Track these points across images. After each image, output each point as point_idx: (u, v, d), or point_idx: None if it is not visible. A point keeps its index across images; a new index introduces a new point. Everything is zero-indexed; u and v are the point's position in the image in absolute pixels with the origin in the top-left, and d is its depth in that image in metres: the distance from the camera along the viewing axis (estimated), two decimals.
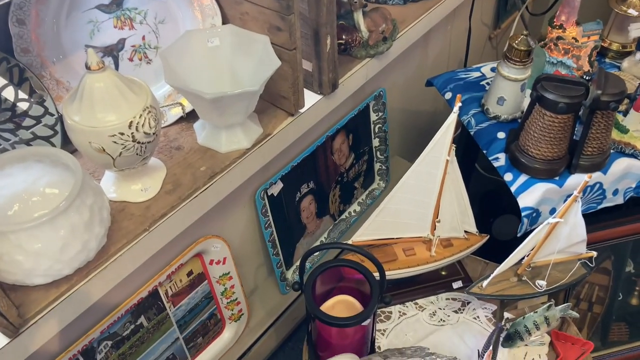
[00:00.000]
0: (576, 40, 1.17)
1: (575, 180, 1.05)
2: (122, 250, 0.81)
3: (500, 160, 1.09)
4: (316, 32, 0.95)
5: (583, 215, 0.94)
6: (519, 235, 1.06)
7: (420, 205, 1.00)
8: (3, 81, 0.82)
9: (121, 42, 0.94)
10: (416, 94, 1.55)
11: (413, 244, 1.07)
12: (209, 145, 0.95)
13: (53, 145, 0.87)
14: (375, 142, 1.42)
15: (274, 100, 1.02)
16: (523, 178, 1.05)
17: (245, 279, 1.20)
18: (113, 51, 0.94)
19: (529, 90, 1.16)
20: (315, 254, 1.34)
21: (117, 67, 0.94)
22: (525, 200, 1.03)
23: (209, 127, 0.95)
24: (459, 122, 1.15)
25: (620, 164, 1.07)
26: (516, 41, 1.05)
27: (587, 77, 1.13)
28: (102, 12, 0.89)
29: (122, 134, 0.75)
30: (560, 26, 1.17)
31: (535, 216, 1.04)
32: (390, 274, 1.03)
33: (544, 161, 1.02)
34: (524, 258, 0.97)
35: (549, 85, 0.97)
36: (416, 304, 1.10)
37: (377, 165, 1.47)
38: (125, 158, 0.78)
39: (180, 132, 0.98)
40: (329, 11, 0.93)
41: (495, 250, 1.15)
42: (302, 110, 1.02)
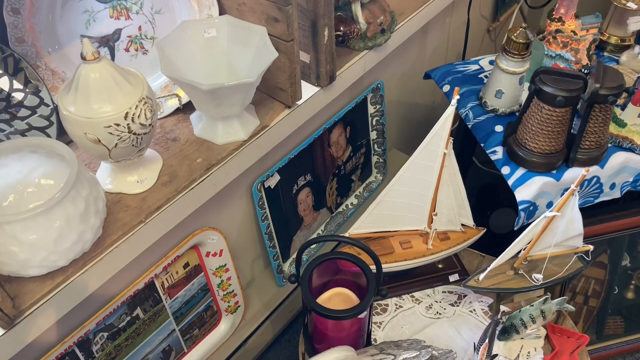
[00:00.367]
0: (575, 34, 1.17)
1: (573, 174, 1.04)
2: (118, 242, 0.80)
3: (498, 153, 1.09)
4: (314, 24, 0.95)
5: (580, 209, 0.94)
6: (516, 228, 1.06)
7: (417, 198, 1.00)
8: None
9: (117, 33, 0.93)
10: (414, 86, 1.55)
11: (410, 237, 1.07)
12: (206, 137, 0.94)
13: (48, 136, 0.87)
14: (373, 135, 1.42)
15: (271, 92, 1.01)
16: (520, 171, 1.05)
17: (241, 271, 1.20)
18: (109, 41, 0.93)
19: (527, 84, 1.16)
20: (312, 247, 1.34)
21: (113, 58, 0.94)
22: (522, 194, 1.03)
23: (206, 119, 0.94)
24: (457, 115, 1.14)
25: (618, 158, 1.07)
26: (515, 34, 1.05)
27: (586, 71, 1.13)
28: (98, 2, 0.88)
29: (118, 125, 0.74)
30: (559, 19, 1.17)
31: (532, 210, 1.04)
32: (387, 267, 1.03)
33: (542, 155, 1.02)
34: (520, 251, 0.97)
35: (547, 79, 0.96)
36: (413, 296, 1.10)
37: (375, 158, 1.47)
38: (121, 149, 0.77)
39: (177, 124, 0.97)
40: (327, 2, 0.92)
41: (491, 243, 1.15)
42: (300, 102, 1.01)
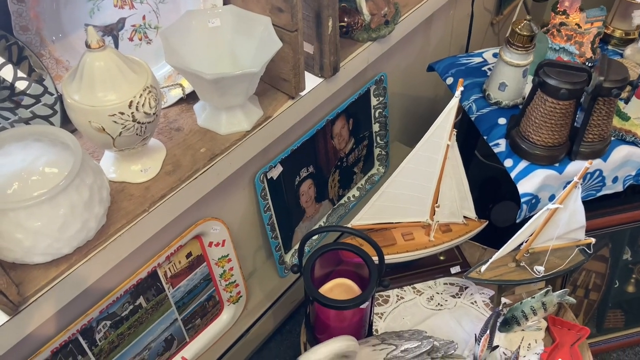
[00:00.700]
0: (579, 27, 1.16)
1: (575, 167, 1.05)
2: (122, 230, 0.81)
3: (501, 146, 1.09)
4: (318, 14, 0.95)
5: (582, 202, 0.95)
6: (518, 221, 1.06)
7: (420, 190, 1.00)
8: (1, 59, 0.82)
9: (121, 22, 0.93)
10: (417, 79, 1.55)
11: (412, 229, 1.07)
12: (209, 127, 0.94)
13: (52, 124, 0.87)
14: (376, 127, 1.42)
15: (275, 83, 1.01)
16: (523, 164, 1.05)
17: (243, 262, 1.20)
18: (113, 30, 0.93)
19: (530, 77, 1.16)
20: (314, 238, 1.34)
21: (117, 47, 0.93)
22: (524, 186, 1.03)
23: (209, 109, 0.94)
24: (460, 108, 1.14)
25: (621, 152, 1.07)
26: (519, 26, 1.05)
27: (590, 64, 1.13)
28: None
29: (122, 113, 0.74)
30: (564, 12, 1.17)
31: (534, 202, 1.04)
32: (389, 258, 1.03)
33: (545, 147, 1.02)
34: (522, 244, 0.98)
35: (551, 71, 0.96)
36: (414, 288, 1.10)
37: (377, 151, 1.47)
38: (125, 138, 0.78)
39: (180, 114, 0.98)
40: None
41: (493, 236, 1.15)
42: (303, 93, 1.01)
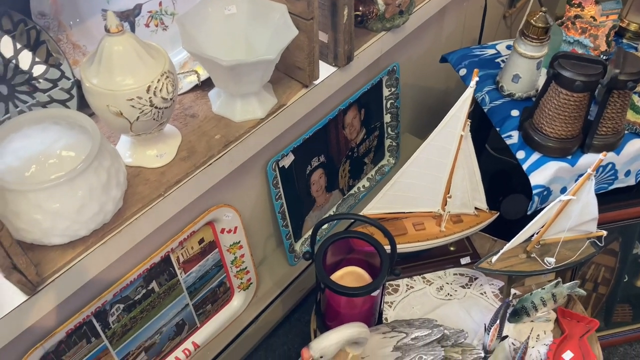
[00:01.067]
0: (594, 19, 1.16)
1: (588, 159, 1.05)
2: (138, 214, 0.82)
3: (513, 137, 1.09)
4: (334, 3, 0.95)
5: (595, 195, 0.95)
6: (529, 213, 1.07)
7: (432, 180, 1.00)
8: (20, 44, 0.82)
9: (138, 8, 0.93)
10: (429, 71, 1.54)
11: (423, 219, 1.07)
12: (224, 114, 0.95)
13: (68, 108, 0.87)
14: (387, 118, 1.42)
15: (289, 71, 1.01)
16: (535, 156, 1.05)
17: (254, 249, 1.21)
18: (129, 16, 0.94)
19: (544, 69, 1.15)
20: (323, 227, 1.35)
21: (133, 33, 0.94)
22: (536, 178, 1.03)
23: (224, 96, 0.95)
24: (473, 100, 1.14)
25: (634, 145, 1.07)
26: (534, 18, 1.04)
27: (604, 57, 1.13)
28: None
29: (140, 98, 0.75)
30: (579, 4, 1.16)
31: (546, 194, 1.05)
32: (400, 248, 1.04)
33: (558, 140, 1.02)
34: (533, 235, 0.98)
35: (567, 63, 0.96)
36: (424, 278, 1.11)
37: (388, 142, 1.47)
38: (142, 123, 0.78)
39: (195, 100, 0.98)
40: None
41: (503, 228, 1.15)
42: (317, 82, 1.02)
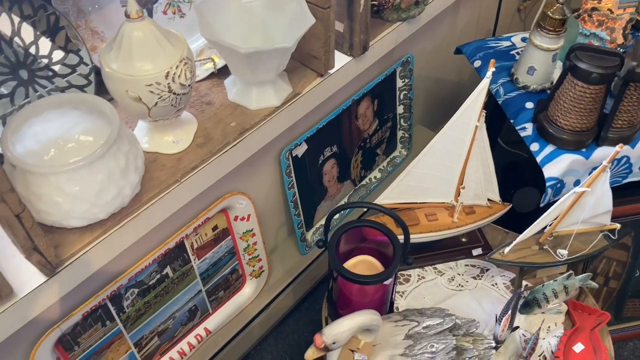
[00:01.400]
0: (611, 12, 1.15)
1: (602, 152, 1.04)
2: (154, 199, 0.83)
3: (528, 130, 1.09)
4: None
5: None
6: (542, 205, 1.07)
7: (445, 170, 1.00)
8: (39, 30, 0.83)
9: None
10: (442, 63, 1.54)
11: (435, 210, 1.08)
12: (240, 102, 0.96)
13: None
14: (400, 109, 1.42)
15: (305, 60, 1.02)
16: (550, 148, 1.05)
17: (266, 237, 1.22)
18: (147, 3, 0.94)
19: (559, 62, 1.15)
20: (335, 217, 1.35)
21: None
22: (550, 171, 1.03)
23: (240, 84, 0.95)
24: (487, 91, 1.14)
25: None
26: (551, 9, 1.04)
27: (621, 50, 1.12)
28: None
29: (159, 83, 0.76)
30: None
31: (559, 187, 1.04)
32: (412, 238, 1.04)
33: (572, 132, 1.02)
34: (546, 227, 0.98)
35: (583, 55, 0.96)
36: (435, 268, 1.11)
37: (400, 133, 1.47)
38: (160, 108, 0.79)
39: (211, 88, 0.99)
40: None
41: (515, 221, 1.15)
42: (332, 71, 1.02)
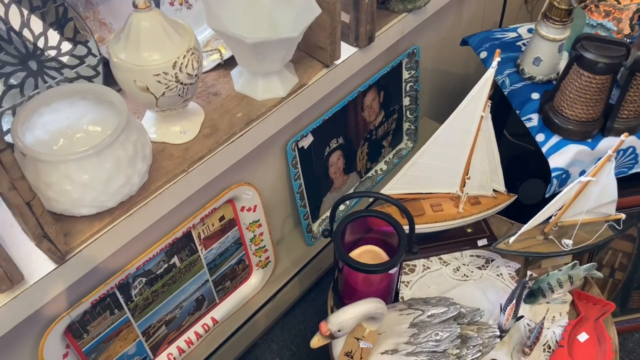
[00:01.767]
0: (618, 2, 1.15)
1: (608, 143, 1.04)
2: (162, 188, 0.84)
3: (533, 120, 1.09)
4: None
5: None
6: (548, 195, 1.07)
7: (451, 160, 1.01)
8: (48, 21, 0.84)
9: None
10: (448, 54, 1.54)
11: (441, 200, 1.08)
12: (246, 93, 0.96)
13: None
14: (406, 101, 1.42)
15: (311, 51, 1.02)
16: (555, 139, 1.05)
17: (273, 228, 1.23)
18: None
19: (566, 52, 1.15)
20: (341, 208, 1.36)
21: None
22: (556, 161, 1.03)
23: (247, 75, 0.96)
24: (493, 82, 1.14)
25: None
26: (557, 0, 1.04)
27: (628, 40, 1.12)
28: None
29: (166, 73, 0.77)
30: None
31: (565, 177, 1.05)
32: (417, 228, 1.04)
33: (578, 122, 1.02)
34: (551, 217, 0.98)
35: (589, 45, 0.96)
36: (440, 259, 1.12)
37: (406, 125, 1.47)
38: (167, 98, 0.80)
39: (218, 79, 1.00)
40: None
41: (520, 212, 1.16)
42: (338, 62, 1.03)
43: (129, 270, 0.94)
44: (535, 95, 1.12)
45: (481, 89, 0.90)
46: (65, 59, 0.88)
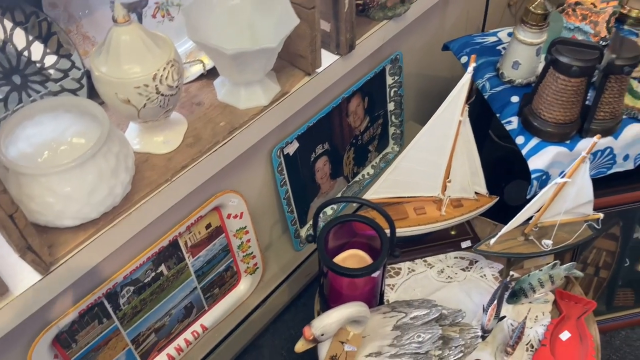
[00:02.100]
0: (594, 6, 1.17)
1: (586, 144, 1.05)
2: (146, 198, 0.85)
3: (513, 123, 1.11)
4: None
5: (593, 180, 0.96)
6: (529, 197, 1.08)
7: (432, 164, 1.03)
8: (32, 35, 0.86)
9: None
10: (433, 59, 1.56)
11: (424, 203, 1.10)
12: (229, 102, 0.98)
13: None
14: (391, 106, 1.44)
15: (292, 60, 1.04)
16: (534, 141, 1.07)
17: (260, 234, 1.24)
18: (137, 8, 0.97)
19: (544, 55, 1.17)
20: (329, 213, 1.38)
21: (141, 24, 0.97)
22: (535, 163, 1.05)
23: (229, 84, 0.97)
24: (472, 86, 1.16)
25: (632, 130, 1.08)
26: (533, 5, 1.06)
27: (604, 43, 1.14)
28: None
29: (147, 85, 0.78)
30: None
31: (545, 179, 1.06)
32: (401, 232, 1.06)
33: (556, 125, 1.04)
34: (531, 218, 1.00)
35: (564, 49, 0.98)
36: (425, 261, 1.13)
37: (392, 129, 1.49)
38: (149, 110, 0.81)
39: (201, 89, 1.01)
40: None
41: (504, 213, 1.17)
42: (319, 70, 1.04)
43: (116, 279, 0.95)
44: (514, 99, 1.14)
45: (458, 94, 0.92)
46: (49, 73, 0.89)
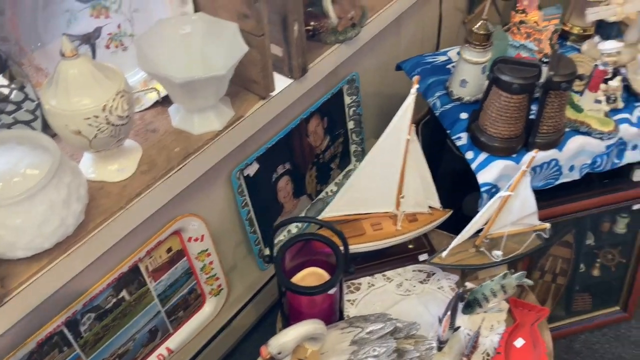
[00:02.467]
0: (537, 24, 1.22)
1: None
2: (101, 226, 0.86)
3: (463, 139, 1.15)
4: (284, 19, 1.00)
5: (544, 190, 1.01)
6: (480, 209, 1.12)
7: (385, 181, 1.06)
8: None
9: (97, 31, 0.98)
10: (391, 78, 1.60)
11: (381, 219, 1.13)
12: (183, 128, 1.00)
13: (34, 129, 0.92)
14: (350, 125, 1.47)
15: (246, 85, 1.07)
16: (483, 156, 1.11)
17: (224, 256, 1.25)
18: (90, 39, 0.98)
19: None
20: (293, 231, 1.40)
21: (95, 55, 0.99)
22: (484, 177, 1.09)
23: (183, 111, 1.00)
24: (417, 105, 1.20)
25: (575, 142, 1.13)
26: (476, 26, 1.11)
27: (546, 59, 1.19)
28: (79, 2, 0.93)
29: (97, 116, 0.80)
30: (523, 11, 1.22)
31: (494, 191, 1.10)
32: (359, 247, 1.09)
33: (502, 140, 1.08)
34: (481, 230, 1.04)
35: (505, 68, 1.02)
36: (384, 275, 1.16)
37: (353, 147, 1.52)
38: (100, 140, 0.83)
39: (156, 116, 1.03)
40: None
41: (463, 225, 1.21)
42: (274, 94, 1.07)
43: (75, 307, 0.96)
44: (464, 115, 1.18)
45: (403, 115, 0.96)
46: (1, 106, 0.90)
